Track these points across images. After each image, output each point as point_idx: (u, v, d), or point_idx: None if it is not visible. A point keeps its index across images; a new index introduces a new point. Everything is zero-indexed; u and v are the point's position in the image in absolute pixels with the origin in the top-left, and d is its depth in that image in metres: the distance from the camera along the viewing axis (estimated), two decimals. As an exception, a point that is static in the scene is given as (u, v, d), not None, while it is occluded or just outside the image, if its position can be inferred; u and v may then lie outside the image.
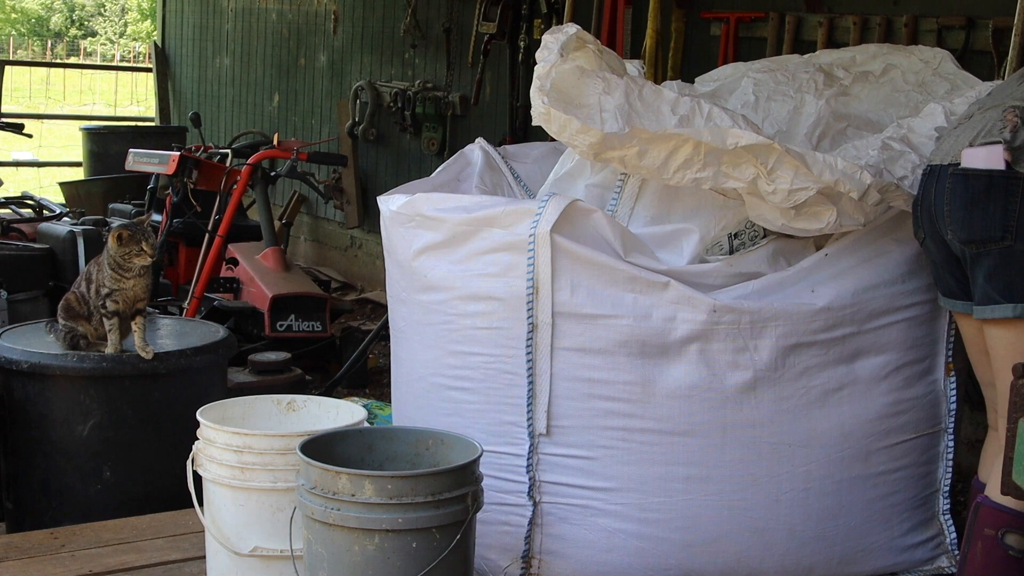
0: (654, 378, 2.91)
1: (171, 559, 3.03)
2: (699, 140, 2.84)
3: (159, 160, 5.98)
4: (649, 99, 2.98)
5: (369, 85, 7.70)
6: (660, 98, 2.99)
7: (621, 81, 3.00)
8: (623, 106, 2.93)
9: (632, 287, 2.89)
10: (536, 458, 2.97)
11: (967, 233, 2.73)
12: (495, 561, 3.01)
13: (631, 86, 2.99)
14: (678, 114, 2.94)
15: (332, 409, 2.97)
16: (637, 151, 2.86)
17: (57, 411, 3.36)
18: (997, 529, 2.68)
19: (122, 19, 34.15)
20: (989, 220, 2.70)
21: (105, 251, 3.39)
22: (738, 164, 2.87)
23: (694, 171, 2.87)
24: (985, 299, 2.73)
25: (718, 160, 2.87)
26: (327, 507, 2.40)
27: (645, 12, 5.16)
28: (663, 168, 2.88)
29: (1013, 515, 2.67)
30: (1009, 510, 2.67)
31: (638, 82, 3.01)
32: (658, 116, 2.94)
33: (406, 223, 3.09)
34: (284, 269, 5.60)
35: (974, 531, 2.71)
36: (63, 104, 19.61)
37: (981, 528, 2.69)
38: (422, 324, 3.12)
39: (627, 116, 2.92)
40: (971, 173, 2.73)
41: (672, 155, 2.87)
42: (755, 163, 2.85)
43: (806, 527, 2.98)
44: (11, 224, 5.70)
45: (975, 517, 2.72)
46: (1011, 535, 2.67)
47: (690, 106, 2.93)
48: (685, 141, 2.85)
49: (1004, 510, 2.67)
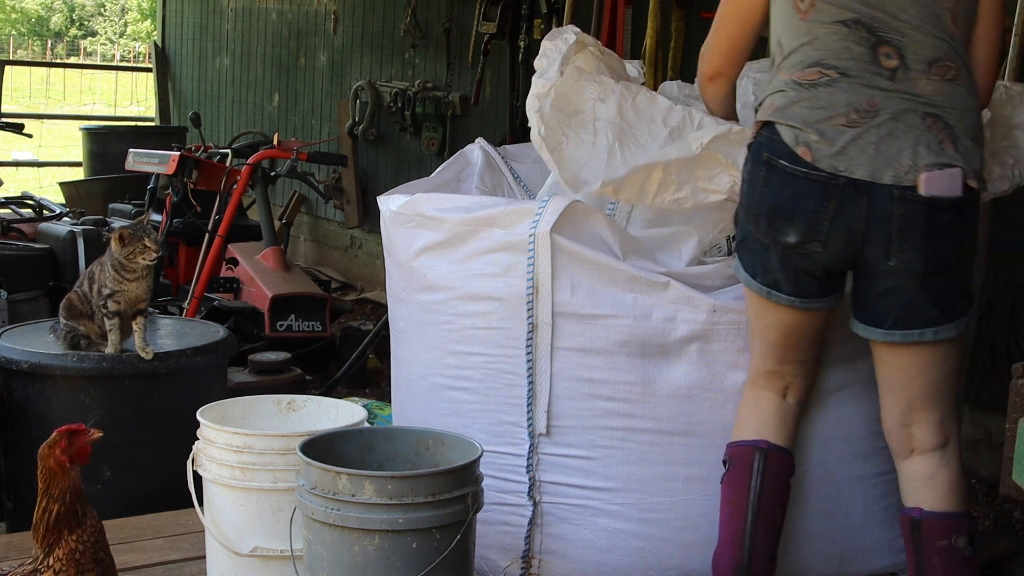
0: (654, 378, 2.91)
1: (171, 559, 3.03)
2: (665, 162, 2.85)
3: (159, 160, 5.98)
4: (643, 107, 2.98)
5: (369, 85, 7.71)
6: (654, 106, 2.98)
7: (616, 88, 2.99)
8: (615, 120, 2.93)
9: (632, 287, 2.89)
10: (536, 458, 2.97)
11: (926, 266, 2.58)
12: (495, 561, 3.01)
13: (624, 95, 2.98)
14: (669, 126, 2.94)
15: (332, 409, 2.97)
16: (612, 190, 2.88)
17: (57, 411, 3.36)
18: (948, 537, 2.70)
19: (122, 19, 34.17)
20: (948, 249, 2.60)
21: (108, 252, 3.39)
22: (712, 176, 2.87)
23: (671, 193, 2.87)
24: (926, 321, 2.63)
25: (692, 176, 2.88)
26: (327, 507, 2.40)
27: (645, 12, 5.16)
28: (642, 196, 2.90)
29: (957, 518, 2.71)
30: (951, 515, 2.70)
31: (632, 89, 3.01)
32: (651, 126, 2.94)
33: (406, 223, 3.10)
34: (284, 269, 5.60)
35: (924, 548, 2.70)
36: (63, 104, 19.61)
37: (932, 542, 2.70)
38: (422, 324, 3.12)
39: (618, 130, 2.93)
40: (935, 202, 2.55)
41: (646, 183, 2.88)
42: (728, 167, 2.85)
43: (806, 527, 2.98)
44: (11, 224, 5.70)
45: (919, 534, 2.71)
46: (961, 538, 2.69)
47: (682, 116, 2.92)
48: (652, 168, 2.86)
49: (947, 517, 2.70)
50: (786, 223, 2.63)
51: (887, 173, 2.57)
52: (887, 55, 2.62)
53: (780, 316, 2.76)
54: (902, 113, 2.60)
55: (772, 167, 2.65)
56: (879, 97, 2.61)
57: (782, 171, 2.63)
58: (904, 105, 2.60)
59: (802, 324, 2.77)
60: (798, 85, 2.66)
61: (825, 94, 2.63)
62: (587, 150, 2.92)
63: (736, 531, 2.76)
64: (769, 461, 2.76)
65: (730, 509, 2.78)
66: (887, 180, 2.57)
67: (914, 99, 2.61)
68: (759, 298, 2.77)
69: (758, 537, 2.75)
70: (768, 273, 2.72)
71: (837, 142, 2.59)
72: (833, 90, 2.63)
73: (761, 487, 2.75)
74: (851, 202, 2.59)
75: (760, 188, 2.68)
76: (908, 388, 2.73)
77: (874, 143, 2.58)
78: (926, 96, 2.61)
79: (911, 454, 2.77)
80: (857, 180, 2.57)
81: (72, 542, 2.24)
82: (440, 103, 7.20)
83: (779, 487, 2.79)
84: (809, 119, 2.62)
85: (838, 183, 2.58)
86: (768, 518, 2.77)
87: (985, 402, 4.27)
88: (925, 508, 2.72)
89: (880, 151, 2.58)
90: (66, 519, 2.24)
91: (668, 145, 2.88)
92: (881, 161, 2.57)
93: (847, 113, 2.61)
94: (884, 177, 2.57)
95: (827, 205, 2.59)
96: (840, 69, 2.63)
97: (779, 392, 2.85)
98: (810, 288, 2.71)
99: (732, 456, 2.81)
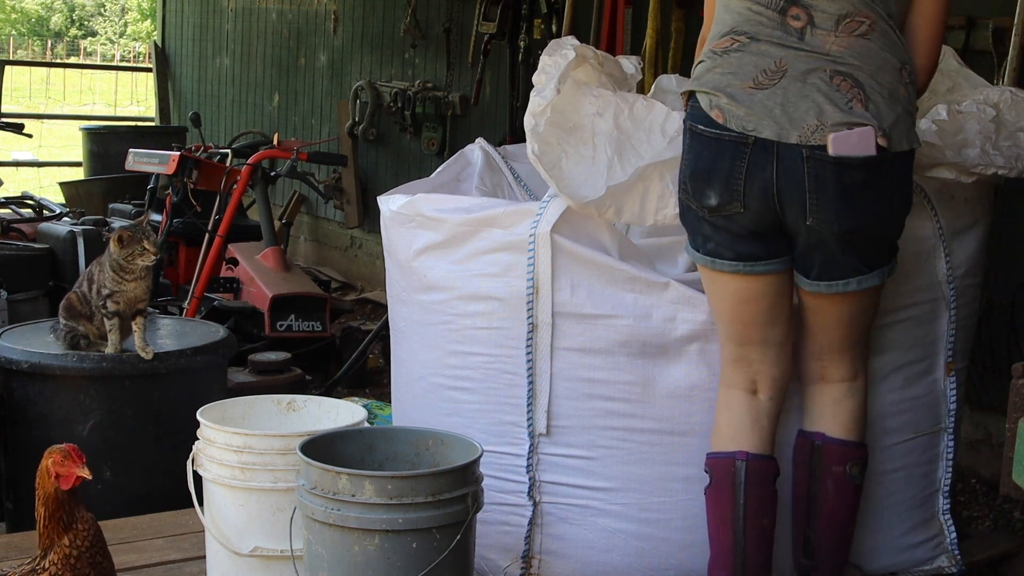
0: (654, 378, 2.91)
1: (171, 559, 3.03)
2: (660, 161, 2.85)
3: (159, 160, 5.98)
4: (640, 116, 2.97)
5: (369, 85, 7.71)
6: (652, 113, 2.98)
7: (612, 100, 2.99)
8: (612, 132, 2.93)
9: (632, 287, 2.89)
10: (536, 458, 2.97)
11: (843, 224, 2.61)
12: (495, 561, 3.01)
13: (620, 106, 2.97)
14: (668, 134, 2.94)
15: (332, 409, 2.97)
16: (614, 210, 2.87)
17: (57, 411, 3.36)
18: (844, 464, 2.83)
19: (122, 19, 34.16)
20: (867, 208, 2.63)
21: (107, 253, 3.39)
22: None
23: (672, 208, 2.87)
24: (849, 272, 2.70)
25: None
26: (327, 507, 2.40)
27: (645, 12, 5.16)
28: (643, 214, 2.90)
29: (854, 447, 2.85)
30: (851, 443, 2.84)
31: (628, 99, 3.00)
32: (648, 135, 2.94)
33: (406, 223, 3.10)
34: (284, 269, 5.60)
35: (819, 472, 2.84)
36: (63, 104, 19.61)
37: (828, 466, 2.84)
38: (422, 324, 3.12)
39: (616, 143, 2.93)
40: (845, 162, 2.57)
41: (645, 197, 2.87)
42: None
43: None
44: (11, 224, 5.70)
45: (819, 457, 2.83)
46: (855, 466, 2.84)
47: (679, 125, 2.92)
48: (651, 172, 2.86)
49: (846, 445, 2.84)
50: (706, 186, 2.68)
51: (793, 133, 2.60)
52: (795, 16, 2.67)
53: (729, 285, 2.77)
54: (809, 73, 2.62)
55: (694, 133, 2.71)
56: (788, 58, 2.65)
57: (700, 135, 2.69)
58: (811, 64, 2.63)
59: (753, 292, 2.77)
60: (714, 54, 2.73)
61: (736, 59, 2.68)
62: (587, 166, 2.93)
63: (726, 544, 2.77)
64: (750, 471, 2.76)
65: (717, 523, 2.79)
66: (793, 140, 2.60)
67: (822, 58, 2.63)
68: (708, 271, 2.79)
69: (749, 549, 2.76)
70: (707, 241, 2.75)
71: (745, 103, 2.63)
72: (743, 55, 2.68)
73: (746, 501, 2.76)
74: (762, 161, 2.62)
75: (685, 155, 2.74)
76: (827, 331, 2.83)
77: (780, 103, 2.62)
78: (835, 55, 2.63)
79: (820, 382, 2.87)
80: (765, 140, 2.61)
81: (65, 547, 2.25)
82: (440, 103, 7.20)
83: (764, 496, 2.79)
84: (720, 84, 2.67)
85: (747, 142, 2.62)
86: (756, 529, 2.77)
87: (985, 402, 4.27)
88: (828, 434, 2.84)
89: (786, 111, 2.61)
90: (52, 522, 2.27)
91: (667, 152, 2.88)
92: (787, 121, 2.60)
93: (755, 76, 2.65)
94: (791, 137, 2.60)
95: (739, 164, 2.64)
96: (750, 34, 2.69)
97: (748, 388, 2.83)
98: (749, 250, 2.72)
99: (712, 468, 2.80)
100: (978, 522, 4.07)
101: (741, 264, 2.73)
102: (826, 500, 2.85)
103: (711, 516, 2.80)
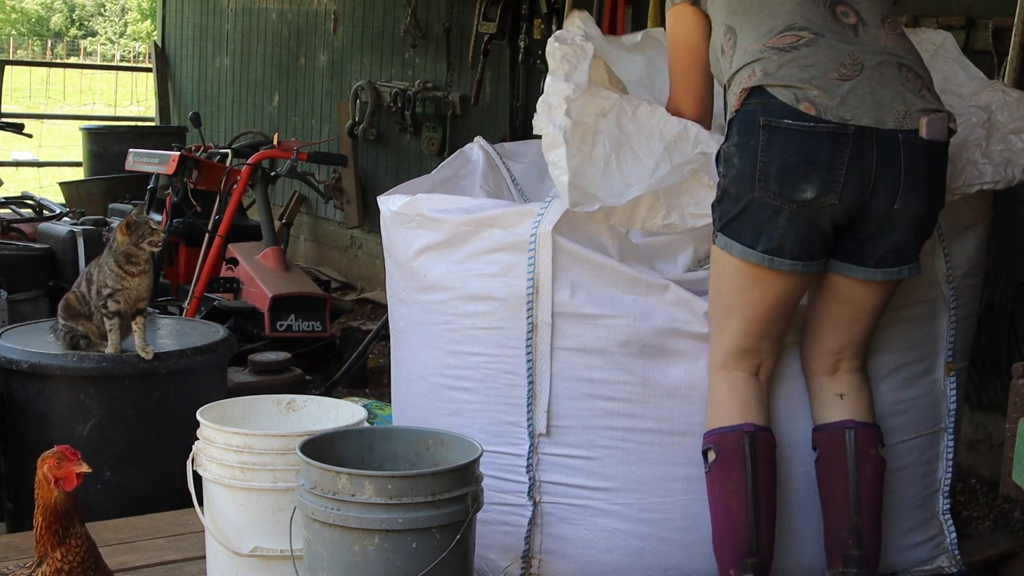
0: (654, 378, 2.91)
1: (171, 559, 3.03)
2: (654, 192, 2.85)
3: (159, 160, 5.98)
4: (643, 120, 2.96)
5: (369, 85, 7.71)
6: (654, 117, 2.97)
7: (616, 101, 2.99)
8: (614, 133, 2.93)
9: (632, 288, 2.89)
10: (536, 458, 2.97)
11: (925, 206, 2.73)
12: (495, 561, 3.01)
13: (624, 108, 2.97)
14: (665, 139, 2.93)
15: (332, 409, 2.97)
16: (603, 214, 2.88)
17: (57, 411, 3.36)
18: (876, 446, 2.88)
19: (122, 19, 34.17)
20: (939, 191, 2.76)
21: (107, 251, 3.39)
22: (698, 200, 2.87)
23: (661, 219, 2.89)
24: (910, 259, 2.78)
25: (679, 201, 2.88)
26: (327, 507, 2.40)
27: (645, 12, 5.17)
28: (632, 220, 2.91)
29: (877, 429, 2.91)
30: (876, 426, 2.91)
31: (632, 102, 3.00)
32: (648, 140, 2.92)
33: (406, 223, 3.10)
34: (284, 269, 5.60)
35: (859, 457, 2.85)
36: (63, 104, 19.61)
37: (866, 450, 2.86)
38: (422, 324, 3.12)
39: (616, 143, 2.92)
40: (932, 145, 2.69)
41: (635, 209, 2.88)
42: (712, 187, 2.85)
43: (806, 527, 2.98)
44: (11, 224, 5.70)
45: (856, 443, 2.84)
46: (883, 448, 2.91)
47: (678, 130, 2.92)
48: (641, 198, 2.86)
49: (874, 428, 2.90)
50: (802, 179, 2.66)
51: (888, 119, 2.67)
52: (844, 13, 2.76)
53: (775, 285, 2.77)
54: (881, 64, 2.71)
55: (773, 129, 2.67)
56: (858, 52, 2.71)
57: (786, 130, 2.66)
58: (879, 57, 2.72)
59: (795, 291, 2.80)
60: (778, 50, 2.72)
61: (809, 53, 2.70)
62: (583, 160, 2.92)
63: (738, 517, 2.76)
64: (758, 443, 2.79)
65: (728, 497, 2.78)
66: (890, 125, 2.66)
67: (884, 52, 2.73)
68: (754, 269, 2.75)
69: (761, 520, 2.77)
70: (772, 239, 2.71)
71: (837, 94, 2.66)
72: (815, 49, 2.71)
73: (755, 471, 2.77)
74: (863, 149, 2.66)
75: (763, 152, 2.68)
76: (858, 323, 2.87)
77: (869, 92, 2.67)
78: (892, 48, 2.74)
79: (835, 372, 2.91)
80: (864, 127, 2.65)
81: (57, 561, 2.25)
82: (440, 103, 7.20)
83: (770, 467, 2.82)
84: (804, 77, 2.68)
85: (848, 132, 2.64)
86: (767, 499, 2.79)
87: (985, 402, 4.27)
88: (857, 419, 2.87)
89: (876, 100, 2.67)
90: (48, 534, 2.26)
91: (663, 161, 2.87)
92: (879, 109, 2.67)
93: (836, 68, 2.69)
94: (887, 123, 2.66)
95: (840, 155, 2.65)
96: (812, 29, 2.73)
97: (752, 371, 2.86)
98: (813, 248, 2.73)
99: (717, 443, 2.80)
100: (978, 522, 4.07)
101: (800, 264, 2.73)
102: (868, 486, 2.86)
103: (719, 492, 2.79)
